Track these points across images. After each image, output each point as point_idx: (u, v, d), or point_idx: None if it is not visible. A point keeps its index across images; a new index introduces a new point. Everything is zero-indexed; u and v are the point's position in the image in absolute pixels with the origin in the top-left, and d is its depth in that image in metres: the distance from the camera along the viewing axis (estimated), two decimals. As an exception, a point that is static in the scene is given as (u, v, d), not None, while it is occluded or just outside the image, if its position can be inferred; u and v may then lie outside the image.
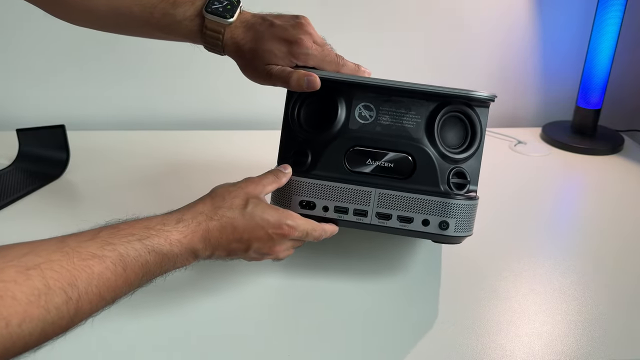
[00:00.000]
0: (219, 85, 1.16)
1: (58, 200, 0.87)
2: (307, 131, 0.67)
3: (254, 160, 0.97)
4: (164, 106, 1.17)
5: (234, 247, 0.58)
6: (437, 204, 0.65)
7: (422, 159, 0.65)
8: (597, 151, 1.11)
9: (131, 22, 0.68)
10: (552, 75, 1.24)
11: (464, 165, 0.67)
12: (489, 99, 0.66)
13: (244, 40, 0.66)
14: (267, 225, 0.58)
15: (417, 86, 0.66)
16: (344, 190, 0.65)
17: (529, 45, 1.20)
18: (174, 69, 1.14)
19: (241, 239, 0.58)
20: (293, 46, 0.65)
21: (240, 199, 0.59)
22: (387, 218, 0.66)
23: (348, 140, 0.66)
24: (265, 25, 0.66)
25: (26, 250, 0.44)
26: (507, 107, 1.25)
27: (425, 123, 0.66)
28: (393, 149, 0.66)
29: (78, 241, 0.48)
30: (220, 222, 0.57)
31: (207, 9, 0.66)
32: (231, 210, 0.58)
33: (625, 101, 1.26)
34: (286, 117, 0.68)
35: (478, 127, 0.67)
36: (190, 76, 1.15)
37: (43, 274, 0.43)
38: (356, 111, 0.66)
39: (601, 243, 0.83)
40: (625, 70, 1.22)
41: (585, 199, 0.98)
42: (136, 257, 0.50)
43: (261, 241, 0.59)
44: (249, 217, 0.58)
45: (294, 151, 0.67)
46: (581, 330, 0.65)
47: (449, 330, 0.64)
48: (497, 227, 0.70)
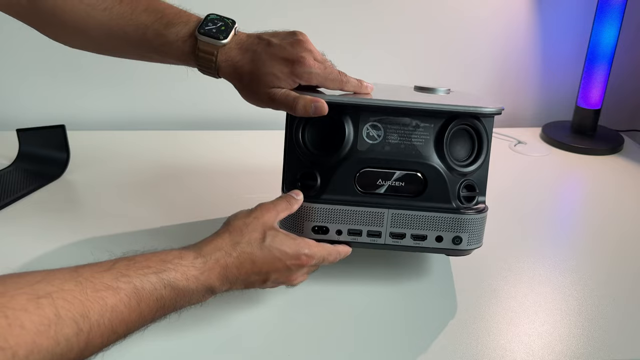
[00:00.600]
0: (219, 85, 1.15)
1: (58, 200, 0.87)
2: (313, 153, 0.65)
3: (255, 160, 0.97)
4: (164, 106, 1.17)
5: (252, 280, 0.57)
6: (450, 220, 0.65)
7: (433, 176, 0.64)
8: (597, 151, 1.11)
9: (125, 43, 0.67)
10: (552, 75, 1.24)
11: (473, 177, 0.66)
12: (497, 112, 0.65)
13: (241, 62, 0.64)
14: (285, 257, 0.58)
15: (425, 105, 0.64)
16: (357, 213, 0.65)
17: (529, 45, 1.20)
18: (174, 69, 1.13)
19: (260, 272, 0.57)
20: (295, 65, 0.63)
21: (258, 232, 0.58)
22: (401, 237, 0.66)
23: (357, 163, 0.64)
24: (262, 45, 0.64)
25: (39, 278, 0.43)
26: (507, 107, 1.25)
27: (434, 139, 0.65)
28: (403, 168, 0.64)
29: (93, 272, 0.46)
30: (239, 258, 0.56)
31: (200, 30, 0.64)
32: (250, 245, 0.56)
33: (625, 101, 1.26)
34: (290, 138, 0.66)
35: (485, 138, 0.66)
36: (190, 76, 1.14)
37: (54, 303, 0.41)
38: (364, 131, 0.65)
39: (601, 243, 0.83)
40: (625, 70, 1.22)
41: (585, 199, 0.98)
42: (151, 290, 0.48)
43: (279, 272, 0.58)
44: (267, 250, 0.57)
45: (301, 173, 0.65)
46: (581, 330, 0.65)
47: (449, 331, 0.64)
48: (497, 227, 0.70)
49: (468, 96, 0.73)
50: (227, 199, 0.88)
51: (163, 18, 0.65)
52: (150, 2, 0.66)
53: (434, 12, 1.15)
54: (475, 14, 1.16)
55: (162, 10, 0.66)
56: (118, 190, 0.90)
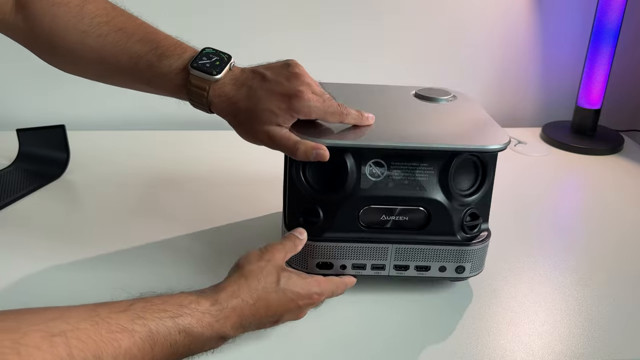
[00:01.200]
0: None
1: (58, 200, 0.87)
2: (315, 190, 0.64)
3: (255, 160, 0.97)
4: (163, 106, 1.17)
5: (264, 322, 0.57)
6: (454, 252, 0.65)
7: (438, 211, 0.63)
8: (597, 151, 1.11)
9: (117, 72, 0.65)
10: (552, 75, 1.24)
11: (476, 204, 0.65)
12: (502, 149, 0.63)
13: (236, 98, 0.62)
14: (297, 297, 0.57)
15: (429, 145, 0.61)
16: (361, 249, 0.64)
17: (529, 45, 1.20)
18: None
19: (274, 315, 0.57)
20: (292, 100, 0.60)
21: (273, 275, 0.57)
22: (405, 269, 0.66)
23: (361, 201, 0.63)
24: (257, 79, 0.62)
25: (56, 314, 0.43)
26: (507, 107, 1.25)
27: (439, 174, 0.63)
28: (408, 204, 0.63)
29: (110, 311, 0.46)
30: (256, 304, 0.55)
31: (193, 64, 0.62)
32: (266, 291, 0.56)
33: (625, 101, 1.26)
34: (290, 174, 0.64)
35: (490, 168, 0.64)
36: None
37: (68, 342, 0.41)
38: (367, 169, 0.63)
39: (601, 243, 0.83)
40: (625, 70, 1.22)
41: (585, 199, 0.98)
42: (166, 335, 0.48)
43: (291, 312, 0.58)
44: (282, 293, 0.56)
45: (304, 209, 0.64)
46: (581, 330, 0.65)
47: (449, 330, 0.64)
48: (497, 227, 0.70)
49: (472, 115, 0.71)
50: (227, 199, 0.88)
51: (157, 49, 0.63)
52: (147, 32, 0.64)
53: (434, 11, 1.15)
54: (475, 14, 1.16)
55: (158, 41, 0.63)
56: (118, 190, 0.90)
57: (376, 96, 0.74)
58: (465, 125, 0.67)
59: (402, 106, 0.71)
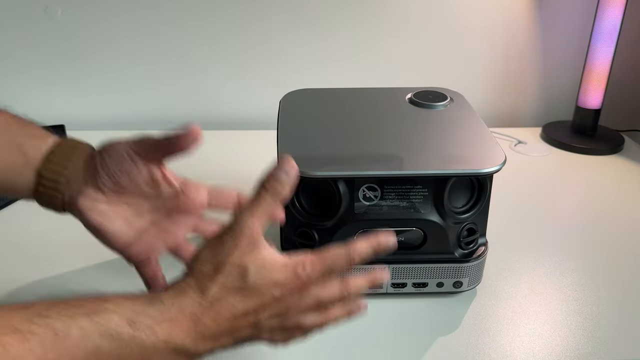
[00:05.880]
0: (220, 85, 1.15)
1: (58, 200, 0.87)
2: (310, 214, 0.64)
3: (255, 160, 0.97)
4: (163, 106, 1.17)
5: (238, 329, 0.42)
6: (451, 269, 0.65)
7: (434, 231, 0.63)
8: (597, 151, 1.11)
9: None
10: (552, 75, 1.23)
11: (473, 219, 0.65)
12: (497, 170, 0.61)
13: None
14: (273, 286, 0.42)
15: (424, 172, 0.60)
16: (357, 272, 0.64)
17: (529, 45, 1.20)
18: (174, 69, 1.14)
19: (246, 315, 0.42)
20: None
21: (236, 269, 0.41)
22: (402, 286, 0.66)
23: (355, 225, 0.63)
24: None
25: None
26: (507, 107, 1.25)
27: (433, 196, 0.62)
28: (403, 226, 0.63)
29: (6, 310, 0.35)
30: (215, 306, 0.40)
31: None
32: (225, 287, 0.41)
33: (625, 101, 1.26)
34: None
35: (487, 185, 0.63)
36: (189, 76, 1.15)
37: None
38: (360, 193, 0.62)
39: (601, 243, 0.83)
40: (625, 70, 1.22)
41: (585, 199, 0.98)
42: (80, 339, 0.34)
43: (271, 307, 0.42)
44: (252, 284, 0.42)
45: (299, 232, 0.64)
46: (581, 330, 0.65)
47: (449, 331, 0.64)
48: (497, 227, 0.70)
49: (468, 127, 0.70)
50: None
51: None
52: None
53: (434, 12, 1.15)
54: (475, 14, 1.16)
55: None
56: (118, 190, 0.90)
57: (369, 104, 0.73)
58: (461, 142, 0.66)
59: (396, 118, 0.70)
